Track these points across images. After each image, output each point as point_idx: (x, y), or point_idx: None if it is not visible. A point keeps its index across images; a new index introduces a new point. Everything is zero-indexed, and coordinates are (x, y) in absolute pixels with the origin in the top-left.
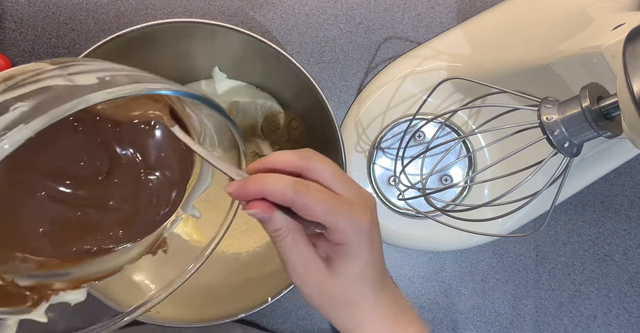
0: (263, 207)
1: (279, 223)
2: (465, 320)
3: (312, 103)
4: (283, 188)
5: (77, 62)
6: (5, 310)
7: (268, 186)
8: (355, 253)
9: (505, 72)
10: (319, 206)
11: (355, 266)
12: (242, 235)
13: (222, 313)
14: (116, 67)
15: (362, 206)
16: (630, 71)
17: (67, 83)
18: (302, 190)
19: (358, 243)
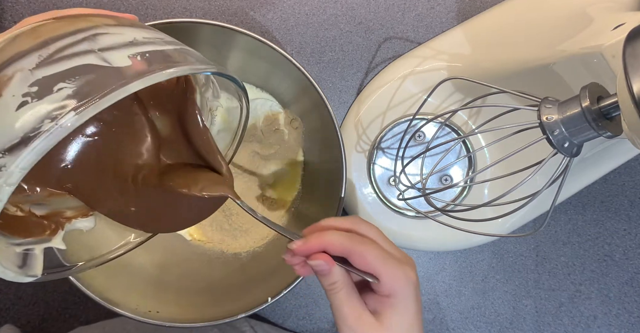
0: (325, 258)
1: (336, 276)
2: (465, 320)
3: (312, 103)
4: (341, 240)
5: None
6: (31, 240)
7: (329, 239)
8: (404, 305)
9: (505, 72)
10: (372, 256)
11: (404, 317)
12: (242, 235)
13: (222, 313)
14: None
15: (409, 263)
16: (630, 71)
17: (103, 64)
18: (358, 241)
19: (407, 295)
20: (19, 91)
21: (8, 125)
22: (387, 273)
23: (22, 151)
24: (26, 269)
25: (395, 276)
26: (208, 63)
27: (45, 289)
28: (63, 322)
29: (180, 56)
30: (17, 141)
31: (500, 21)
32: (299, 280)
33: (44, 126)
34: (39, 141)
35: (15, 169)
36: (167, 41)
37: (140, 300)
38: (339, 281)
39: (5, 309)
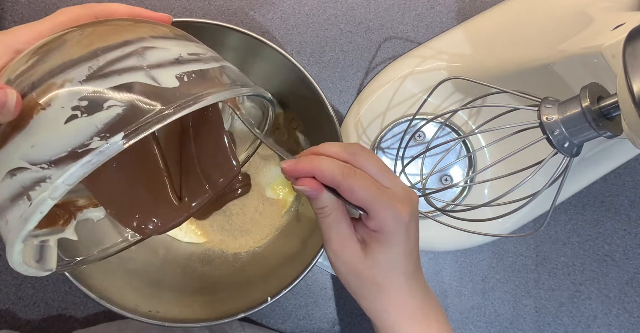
0: (312, 185)
1: (324, 201)
2: (465, 320)
3: (312, 103)
4: (332, 169)
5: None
6: (46, 231)
7: (318, 166)
8: (390, 242)
9: (505, 72)
10: (362, 192)
11: (389, 254)
12: (242, 235)
13: (222, 313)
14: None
15: (404, 199)
16: (630, 71)
17: (151, 83)
18: (349, 174)
19: (394, 232)
20: (69, 104)
21: (56, 137)
22: (376, 211)
23: (69, 166)
24: (42, 263)
25: (384, 214)
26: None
27: (45, 289)
28: (63, 322)
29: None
30: (64, 154)
31: (500, 21)
32: (299, 280)
33: (93, 143)
34: (88, 158)
35: (60, 185)
36: (208, 58)
37: (140, 300)
38: (327, 207)
39: (5, 309)
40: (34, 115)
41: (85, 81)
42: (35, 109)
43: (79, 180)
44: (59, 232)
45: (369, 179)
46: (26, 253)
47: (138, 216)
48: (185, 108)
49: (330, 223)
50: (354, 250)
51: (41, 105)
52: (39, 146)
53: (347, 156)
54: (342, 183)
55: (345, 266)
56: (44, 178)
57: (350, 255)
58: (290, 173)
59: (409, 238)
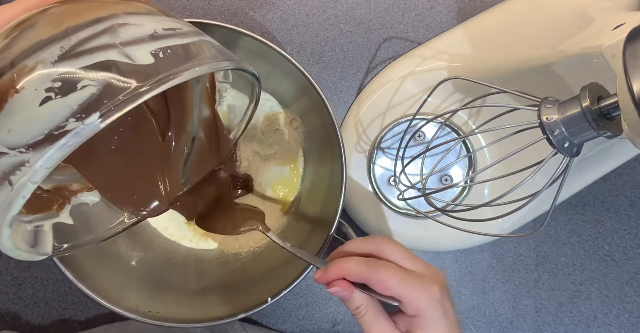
0: (344, 285)
1: (358, 300)
2: (465, 320)
3: (312, 103)
4: (358, 266)
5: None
6: (39, 216)
7: (346, 267)
8: (431, 323)
9: (505, 72)
10: (391, 280)
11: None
12: (242, 235)
13: (222, 313)
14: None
15: (432, 279)
16: (630, 71)
17: (126, 61)
18: (375, 266)
19: (432, 312)
20: (42, 85)
21: (32, 120)
22: (409, 296)
23: (47, 149)
24: (38, 247)
25: (417, 297)
26: (229, 57)
27: (45, 289)
28: (63, 322)
29: (201, 49)
30: (41, 137)
31: (500, 21)
32: (299, 280)
33: (69, 125)
34: (65, 140)
35: (40, 168)
36: (184, 32)
37: (140, 300)
38: (362, 305)
39: (5, 309)
40: (9, 99)
41: (57, 62)
42: (9, 93)
43: (58, 162)
44: (53, 217)
45: (394, 267)
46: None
47: (135, 198)
48: (162, 84)
49: (369, 322)
50: None
51: (15, 88)
52: (15, 130)
53: (371, 246)
54: (369, 276)
55: None
56: (23, 162)
57: None
58: (323, 281)
59: (447, 315)
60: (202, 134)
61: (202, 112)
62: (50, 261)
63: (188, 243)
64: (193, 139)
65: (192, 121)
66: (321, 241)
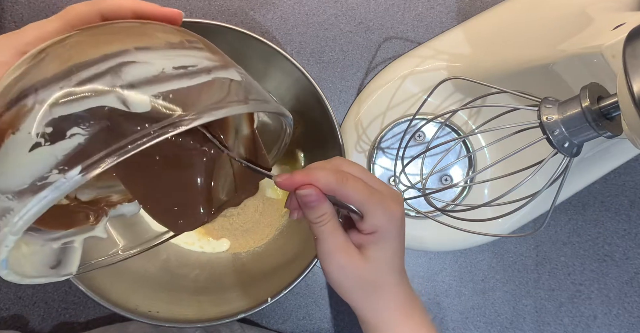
0: (315, 190)
1: (326, 207)
2: (465, 320)
3: (312, 103)
4: (327, 177)
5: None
6: (73, 231)
7: (314, 176)
8: (387, 240)
9: (505, 72)
10: (357, 195)
11: (386, 252)
12: (242, 235)
13: (222, 313)
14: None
15: (394, 198)
16: (630, 71)
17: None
18: (344, 179)
19: (390, 230)
20: (35, 129)
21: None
22: (370, 211)
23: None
24: (60, 268)
25: (378, 213)
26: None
27: (45, 289)
28: (63, 322)
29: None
30: (25, 187)
31: (500, 21)
32: (299, 280)
33: (51, 177)
34: (44, 194)
35: (19, 221)
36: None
37: (140, 300)
38: (327, 213)
39: (5, 309)
40: (5, 139)
41: (53, 104)
42: (6, 133)
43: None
44: (88, 231)
45: (361, 182)
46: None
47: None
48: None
49: (328, 231)
50: (355, 254)
51: (12, 129)
52: (5, 175)
53: (334, 166)
54: (338, 188)
55: (344, 272)
56: (8, 209)
57: (351, 260)
58: (287, 184)
59: (401, 236)
60: (242, 152)
61: (242, 130)
62: None
63: (190, 246)
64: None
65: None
66: None
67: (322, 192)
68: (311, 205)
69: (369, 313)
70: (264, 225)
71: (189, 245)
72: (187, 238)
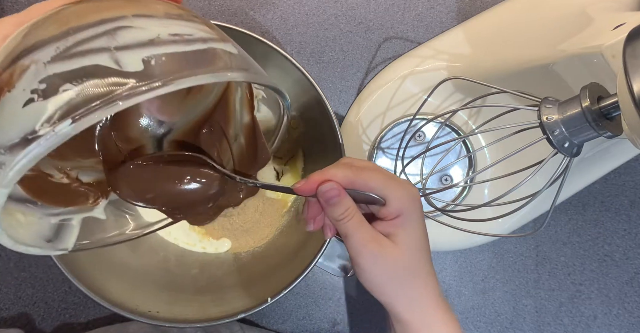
0: (337, 184)
1: (348, 202)
2: (465, 320)
3: (312, 103)
4: (343, 170)
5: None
6: (71, 209)
7: (330, 173)
8: (413, 221)
9: (505, 72)
10: (375, 181)
11: (415, 234)
12: (242, 235)
13: (222, 313)
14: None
15: (407, 182)
16: (631, 71)
17: (113, 67)
18: (359, 169)
19: (413, 210)
20: (29, 86)
21: (14, 122)
22: (392, 194)
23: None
24: (57, 242)
25: (400, 193)
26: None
27: (45, 289)
28: (63, 322)
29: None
30: (17, 141)
31: (500, 21)
32: (299, 280)
33: (41, 131)
34: (32, 147)
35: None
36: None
37: (140, 300)
38: (350, 208)
39: (5, 309)
40: (1, 98)
41: (49, 63)
42: (3, 92)
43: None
44: (86, 211)
45: (377, 169)
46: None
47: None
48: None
49: (355, 225)
50: (385, 242)
51: (8, 87)
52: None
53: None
54: (355, 178)
55: (377, 261)
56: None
57: (382, 248)
58: (306, 188)
59: (423, 217)
60: (242, 140)
61: (242, 118)
62: (51, 261)
63: (191, 247)
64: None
65: (234, 126)
66: (321, 241)
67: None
68: (333, 201)
69: (404, 306)
70: (264, 225)
71: (190, 246)
72: (188, 239)
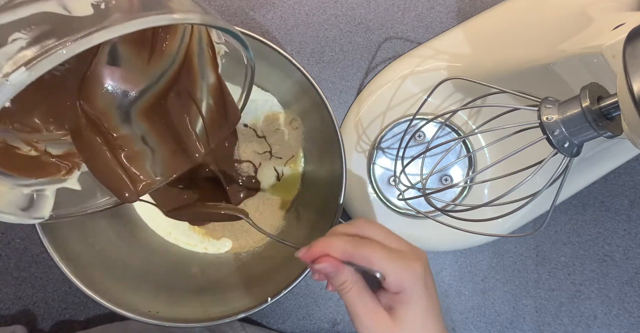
0: (330, 261)
1: (344, 275)
2: (465, 320)
3: (312, 103)
4: (343, 244)
5: None
6: (43, 180)
7: (330, 245)
8: (413, 299)
9: (505, 72)
10: (375, 256)
11: (416, 312)
12: (242, 235)
13: (222, 313)
14: None
15: (414, 257)
16: (631, 71)
17: (61, 12)
18: (359, 244)
19: (415, 289)
20: None
21: None
22: (392, 271)
23: None
24: (32, 211)
25: (401, 273)
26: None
27: (45, 289)
28: (63, 322)
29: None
30: None
31: (500, 21)
32: (299, 280)
33: None
34: None
35: None
36: None
37: (140, 300)
38: (347, 281)
39: (5, 309)
40: None
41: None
42: None
43: None
44: (59, 182)
45: (378, 244)
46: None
47: None
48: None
49: (353, 297)
50: (384, 319)
51: None
52: None
53: (353, 230)
54: (354, 253)
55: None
56: None
57: (382, 324)
58: (307, 258)
59: (429, 293)
60: (211, 102)
61: (208, 79)
62: (51, 261)
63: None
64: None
65: (201, 88)
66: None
67: (340, 260)
68: (330, 275)
69: None
70: (264, 225)
71: (191, 247)
72: (188, 240)
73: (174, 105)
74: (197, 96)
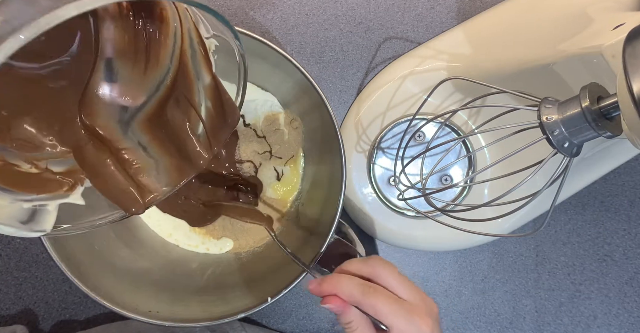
0: (337, 302)
1: (351, 316)
2: (465, 320)
3: (312, 103)
4: (351, 289)
5: None
6: (45, 196)
7: (339, 287)
8: None
9: (505, 72)
10: (382, 308)
11: None
12: (242, 235)
13: (222, 313)
14: None
15: (423, 312)
16: (630, 71)
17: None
18: (368, 292)
19: None
20: None
21: None
22: (397, 325)
23: None
24: (32, 224)
25: (402, 326)
26: None
27: (45, 289)
28: (63, 322)
29: None
30: None
31: (500, 21)
32: (299, 279)
33: None
34: None
35: None
36: None
37: (140, 300)
38: (352, 322)
39: (6, 309)
40: None
41: None
42: None
43: None
44: (61, 198)
45: (387, 295)
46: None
47: None
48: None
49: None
50: None
51: None
52: None
53: (367, 270)
54: (361, 301)
55: None
56: None
57: None
58: (316, 293)
59: None
60: (209, 104)
61: (203, 80)
62: (51, 261)
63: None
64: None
65: (198, 91)
66: (321, 241)
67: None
68: (337, 313)
69: None
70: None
71: (192, 247)
72: (189, 240)
73: (173, 113)
74: (195, 100)
